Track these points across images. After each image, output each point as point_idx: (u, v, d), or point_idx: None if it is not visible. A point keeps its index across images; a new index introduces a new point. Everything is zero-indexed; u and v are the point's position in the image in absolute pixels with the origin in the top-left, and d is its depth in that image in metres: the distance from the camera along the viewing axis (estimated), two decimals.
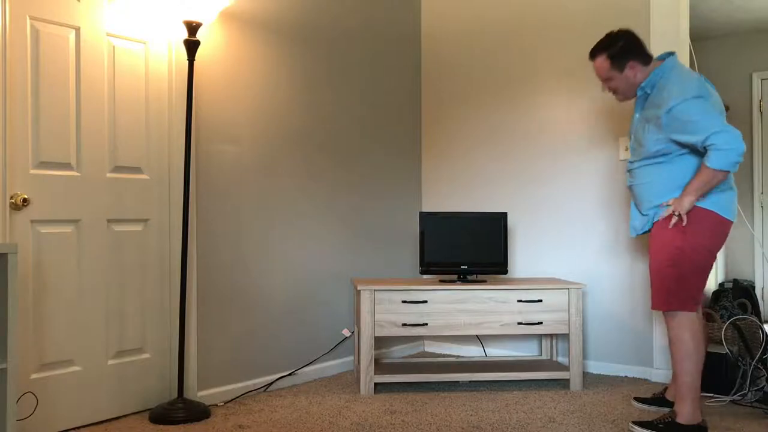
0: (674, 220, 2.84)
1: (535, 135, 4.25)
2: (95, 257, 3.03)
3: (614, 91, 3.09)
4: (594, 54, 3.05)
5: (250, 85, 3.58)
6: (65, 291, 2.93)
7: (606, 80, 3.06)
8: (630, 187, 3.11)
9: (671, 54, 3.01)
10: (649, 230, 3.03)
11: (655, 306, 2.95)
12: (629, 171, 3.10)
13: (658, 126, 2.86)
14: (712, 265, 2.92)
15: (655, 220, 2.96)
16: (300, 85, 3.83)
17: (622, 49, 2.97)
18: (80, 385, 2.97)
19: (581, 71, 4.08)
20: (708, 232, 2.84)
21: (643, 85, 2.98)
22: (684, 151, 2.86)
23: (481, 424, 3.05)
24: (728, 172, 2.74)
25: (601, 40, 3.05)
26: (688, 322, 2.86)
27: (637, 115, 3.05)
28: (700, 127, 2.73)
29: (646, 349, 3.85)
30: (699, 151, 2.81)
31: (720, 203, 2.84)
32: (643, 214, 3.03)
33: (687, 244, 2.83)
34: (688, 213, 2.83)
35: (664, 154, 2.90)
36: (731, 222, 2.89)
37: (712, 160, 2.71)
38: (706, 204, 2.83)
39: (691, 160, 2.86)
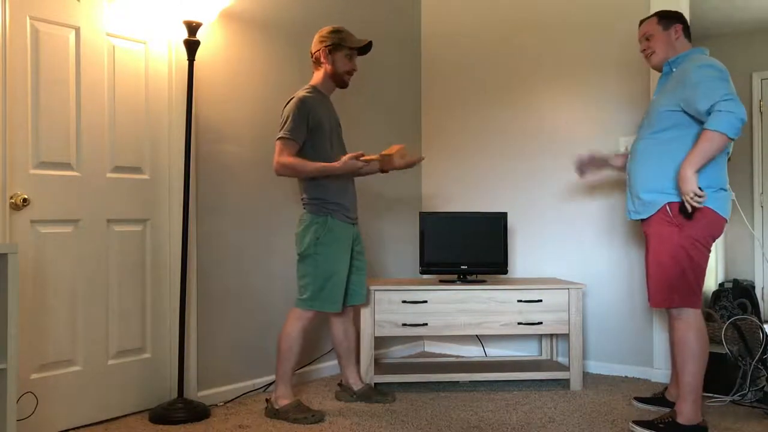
0: (696, 201, 2.75)
1: (535, 135, 4.25)
2: (95, 257, 3.03)
3: (650, 51, 3.10)
4: (645, 18, 3.15)
5: (250, 85, 3.58)
6: (65, 291, 2.92)
7: (648, 38, 3.10)
8: (628, 172, 3.10)
9: (704, 49, 3.06)
10: (644, 220, 3.02)
11: (655, 303, 2.95)
12: (630, 153, 3.11)
13: (672, 93, 2.88)
14: (707, 261, 2.93)
15: (651, 213, 2.95)
16: (300, 85, 3.82)
17: (671, 13, 3.09)
18: (80, 385, 2.97)
19: (581, 71, 4.08)
20: (703, 228, 2.84)
21: (671, 60, 3.02)
22: (686, 131, 2.85)
23: (481, 424, 3.05)
24: (728, 139, 2.70)
25: None
26: (695, 321, 2.85)
27: (654, 97, 3.06)
28: (710, 92, 2.73)
29: (646, 349, 3.85)
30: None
31: (715, 201, 2.84)
32: (633, 200, 3.03)
33: (685, 240, 2.84)
34: (685, 207, 2.82)
35: (665, 129, 2.89)
36: (725, 220, 2.90)
37: (715, 122, 2.68)
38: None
39: (691, 144, 2.85)
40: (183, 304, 3.16)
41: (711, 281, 5.19)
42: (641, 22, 3.17)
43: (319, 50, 3.18)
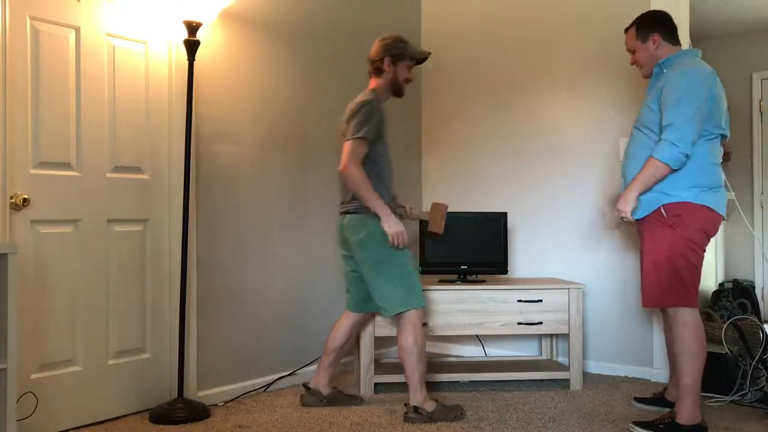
0: (625, 218, 2.89)
1: (535, 135, 4.25)
2: (95, 257, 3.03)
3: (638, 64, 3.12)
4: (627, 29, 3.15)
5: (250, 85, 3.58)
6: (65, 291, 2.93)
7: (632, 51, 3.12)
8: (622, 174, 3.11)
9: (696, 50, 3.05)
10: (639, 220, 3.01)
11: (648, 303, 2.95)
12: (624, 154, 3.11)
13: (658, 96, 2.90)
14: (702, 260, 2.93)
15: (646, 214, 2.95)
16: (300, 85, 3.83)
17: (649, 20, 3.06)
18: (80, 385, 2.97)
19: (581, 71, 4.08)
20: (699, 227, 2.84)
21: (660, 62, 3.01)
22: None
23: (481, 424, 3.05)
24: (669, 168, 2.79)
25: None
26: (692, 321, 2.85)
27: (646, 94, 3.07)
28: (672, 110, 2.79)
29: (646, 349, 3.85)
30: (708, 139, 2.85)
31: (711, 199, 2.85)
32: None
33: (678, 239, 2.84)
34: (680, 207, 2.83)
35: (655, 130, 2.91)
36: (721, 217, 2.90)
37: (659, 151, 2.80)
38: (698, 200, 2.83)
39: (700, 144, 2.85)
40: (183, 304, 3.16)
41: (711, 281, 5.19)
42: (626, 30, 3.15)
43: (382, 58, 3.15)
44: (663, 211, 2.86)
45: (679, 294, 2.86)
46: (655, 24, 3.03)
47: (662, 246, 2.87)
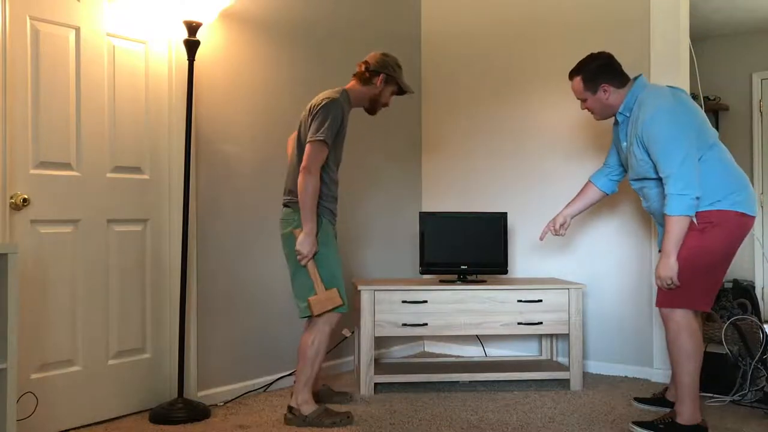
0: (672, 284, 2.82)
1: (535, 135, 4.24)
2: (95, 257, 3.03)
3: (590, 111, 3.16)
4: (571, 75, 3.14)
5: (250, 85, 3.58)
6: (65, 291, 2.92)
7: (582, 100, 3.14)
8: (648, 209, 3.11)
9: (639, 76, 3.04)
10: None
11: (658, 304, 2.94)
12: (639, 191, 3.10)
13: (641, 144, 2.89)
14: (727, 265, 2.92)
15: None
16: (300, 85, 3.83)
17: (595, 71, 3.05)
18: (80, 385, 2.97)
19: None
20: (729, 233, 2.84)
21: (621, 110, 3.02)
22: None
23: (481, 424, 3.05)
24: (689, 217, 2.76)
25: (579, 62, 3.13)
26: (686, 322, 2.85)
27: (624, 143, 3.07)
28: (665, 158, 2.77)
29: (646, 349, 3.85)
30: (710, 149, 2.85)
31: (742, 202, 2.84)
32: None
33: (704, 245, 2.81)
34: (712, 214, 2.81)
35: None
36: (753, 217, 2.89)
37: (671, 207, 2.77)
38: (731, 206, 2.82)
39: (706, 159, 2.84)
40: (183, 303, 3.16)
41: None
42: (570, 74, 3.13)
43: (377, 71, 3.14)
44: (695, 219, 2.83)
45: (688, 298, 2.85)
46: (601, 74, 3.02)
47: (683, 250, 2.83)
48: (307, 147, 2.95)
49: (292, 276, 3.08)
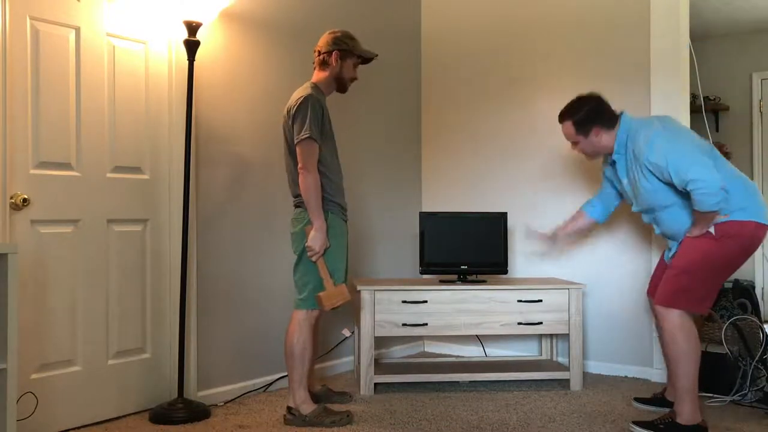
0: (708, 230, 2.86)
1: (535, 135, 4.24)
2: (95, 257, 3.03)
3: (582, 153, 3.18)
4: (561, 119, 3.15)
5: (250, 85, 3.58)
6: (65, 291, 2.92)
7: (573, 143, 3.16)
8: (663, 235, 3.12)
9: (622, 113, 3.07)
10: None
11: (659, 301, 2.95)
12: (652, 221, 3.12)
13: (648, 174, 2.90)
14: (732, 272, 2.93)
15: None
16: (300, 84, 3.82)
17: (586, 115, 3.06)
18: (80, 385, 2.97)
19: (581, 71, 4.07)
20: (742, 243, 2.84)
21: (616, 150, 3.04)
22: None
23: (481, 424, 3.05)
24: (716, 211, 2.78)
25: (568, 105, 3.15)
26: (681, 322, 2.86)
27: (625, 180, 3.07)
28: (679, 171, 2.77)
29: (646, 349, 3.85)
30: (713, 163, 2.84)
31: (753, 210, 2.83)
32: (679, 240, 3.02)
33: (719, 252, 2.83)
34: (729, 225, 2.81)
35: (671, 203, 2.93)
36: (765, 225, 2.86)
37: (698, 204, 2.77)
38: (741, 215, 2.81)
39: None
40: (183, 304, 3.16)
41: None
42: (559, 118, 3.14)
43: (330, 52, 3.12)
44: (712, 229, 2.83)
45: (689, 300, 2.86)
46: (593, 118, 3.04)
47: (696, 252, 2.84)
48: (298, 148, 2.96)
49: (294, 269, 3.09)
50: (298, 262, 3.07)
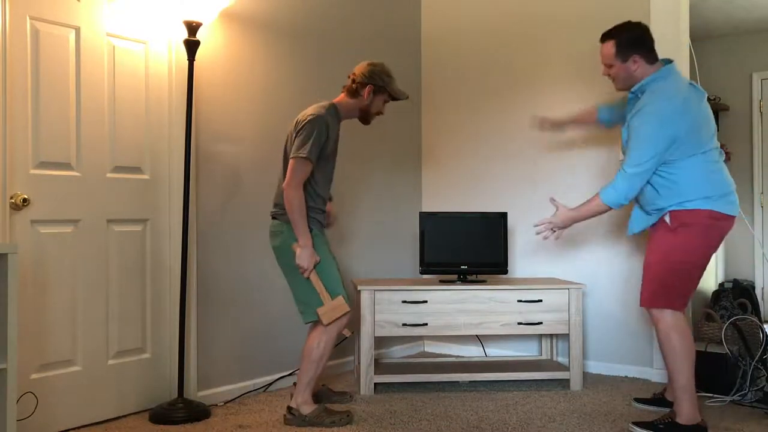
0: (551, 235, 3.09)
1: (536, 135, 4.24)
2: (95, 257, 3.03)
3: (613, 78, 3.07)
4: (604, 38, 3.05)
5: (250, 85, 3.58)
6: (65, 291, 2.92)
7: (608, 66, 3.05)
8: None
9: (670, 62, 2.98)
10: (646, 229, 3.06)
11: (642, 302, 2.99)
12: None
13: (626, 130, 2.92)
14: (704, 265, 2.93)
15: (651, 224, 2.99)
16: (300, 85, 3.83)
17: (630, 40, 2.97)
18: (80, 385, 2.97)
19: (581, 71, 4.07)
20: (701, 232, 2.84)
21: (634, 89, 2.99)
22: (675, 156, 2.82)
23: (481, 424, 3.05)
24: (610, 208, 2.91)
25: (615, 26, 3.04)
26: (674, 322, 2.88)
27: (628, 118, 3.05)
28: (633, 150, 2.83)
29: (646, 349, 3.85)
30: (699, 154, 2.83)
31: (714, 202, 2.83)
32: (648, 214, 3.01)
33: (677, 244, 2.85)
34: (685, 214, 2.83)
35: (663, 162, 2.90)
36: (729, 216, 2.86)
37: (605, 192, 2.89)
38: (697, 204, 2.82)
39: (691, 162, 2.84)
40: (183, 304, 3.16)
41: (711, 281, 5.18)
42: (602, 37, 3.05)
43: (363, 84, 3.09)
44: (667, 217, 2.86)
45: (668, 297, 2.89)
46: (636, 45, 2.95)
47: (658, 250, 2.91)
48: (291, 162, 2.95)
49: (291, 284, 3.08)
50: (294, 276, 3.04)
